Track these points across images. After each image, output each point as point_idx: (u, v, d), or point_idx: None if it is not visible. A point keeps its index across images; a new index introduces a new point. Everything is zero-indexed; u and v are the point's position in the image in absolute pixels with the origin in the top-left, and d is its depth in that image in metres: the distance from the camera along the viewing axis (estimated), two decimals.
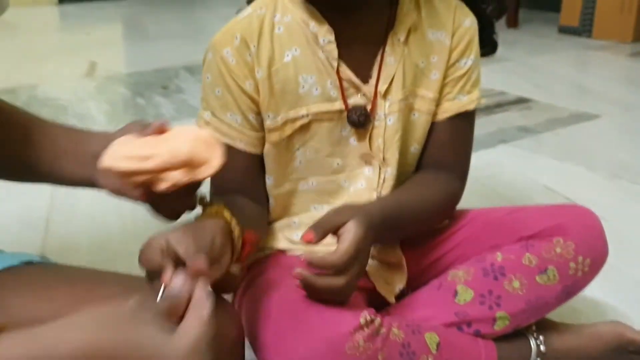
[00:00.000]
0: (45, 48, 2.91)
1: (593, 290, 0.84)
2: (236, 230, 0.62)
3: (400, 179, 0.80)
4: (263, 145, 0.78)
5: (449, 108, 0.80)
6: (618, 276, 1.07)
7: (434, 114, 0.80)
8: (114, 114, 2.00)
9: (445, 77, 0.80)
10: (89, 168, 0.65)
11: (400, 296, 0.81)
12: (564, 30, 3.24)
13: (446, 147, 0.82)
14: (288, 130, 0.76)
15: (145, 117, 1.94)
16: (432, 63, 0.79)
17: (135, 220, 1.26)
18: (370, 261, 0.79)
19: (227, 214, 0.62)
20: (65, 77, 2.43)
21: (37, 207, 1.35)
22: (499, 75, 2.46)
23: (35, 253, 0.70)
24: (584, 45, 3.04)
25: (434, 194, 0.81)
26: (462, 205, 0.86)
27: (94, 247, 1.20)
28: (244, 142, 0.76)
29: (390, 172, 0.79)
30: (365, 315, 0.65)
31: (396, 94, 0.77)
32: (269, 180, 0.80)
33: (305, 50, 0.75)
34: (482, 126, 1.89)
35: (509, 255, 0.78)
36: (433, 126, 0.81)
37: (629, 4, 3.06)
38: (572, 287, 0.78)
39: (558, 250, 0.77)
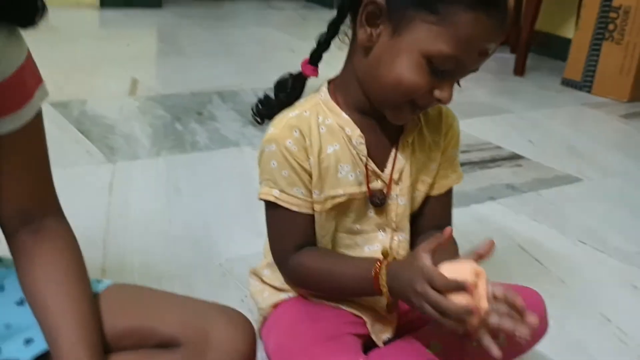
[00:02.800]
0: (89, 58, 3.17)
1: (543, 346, 1.11)
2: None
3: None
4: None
5: (444, 184, 1.09)
6: (565, 336, 1.34)
7: (431, 190, 1.09)
8: (156, 138, 2.27)
9: (439, 165, 1.08)
10: None
11: (387, 342, 1.08)
12: (566, 83, 3.51)
13: (443, 213, 1.11)
14: (328, 204, 1.02)
15: (183, 144, 2.22)
16: (430, 158, 1.07)
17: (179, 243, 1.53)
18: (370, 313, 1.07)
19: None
20: (110, 93, 2.69)
21: (94, 227, 1.61)
22: (498, 129, 2.72)
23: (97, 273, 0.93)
24: (583, 100, 3.30)
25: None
26: None
27: (143, 269, 1.47)
28: (308, 209, 1.00)
29: (403, 237, 1.07)
30: None
31: (405, 181, 1.04)
32: None
33: (343, 147, 1.01)
34: (475, 181, 2.15)
35: None
36: (430, 199, 1.09)
37: (628, 66, 3.33)
38: (518, 350, 1.07)
39: None
